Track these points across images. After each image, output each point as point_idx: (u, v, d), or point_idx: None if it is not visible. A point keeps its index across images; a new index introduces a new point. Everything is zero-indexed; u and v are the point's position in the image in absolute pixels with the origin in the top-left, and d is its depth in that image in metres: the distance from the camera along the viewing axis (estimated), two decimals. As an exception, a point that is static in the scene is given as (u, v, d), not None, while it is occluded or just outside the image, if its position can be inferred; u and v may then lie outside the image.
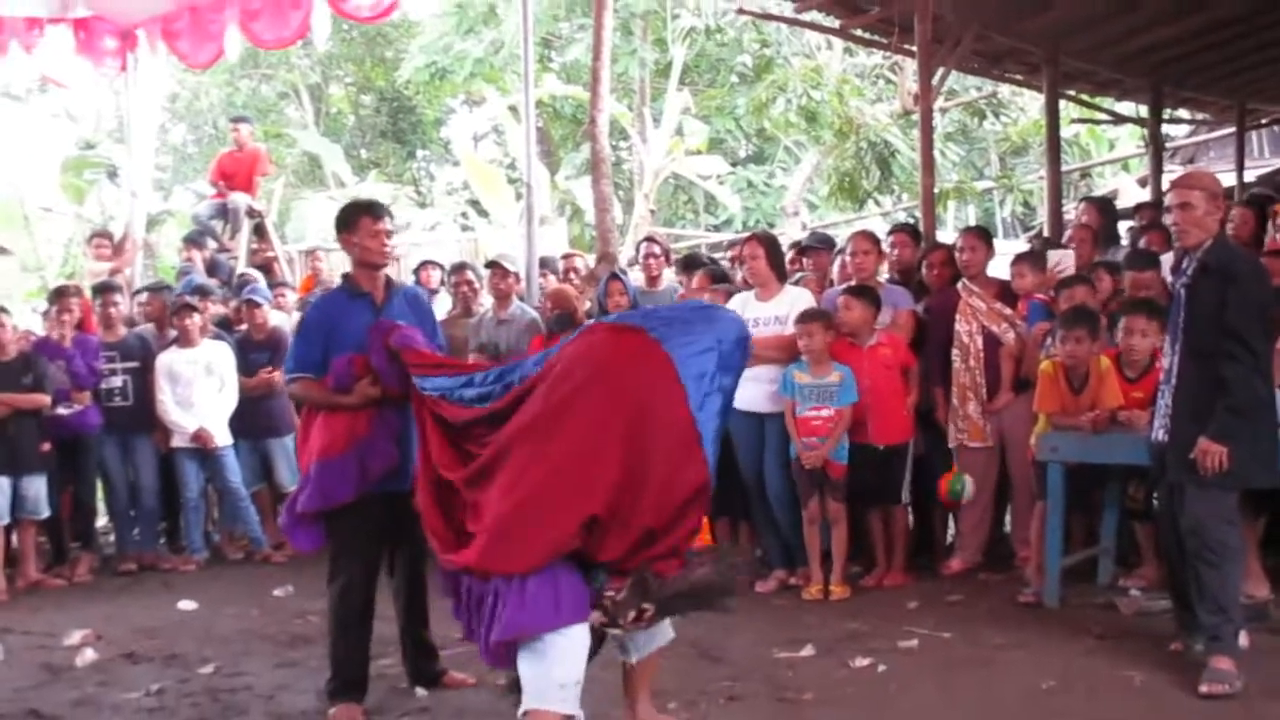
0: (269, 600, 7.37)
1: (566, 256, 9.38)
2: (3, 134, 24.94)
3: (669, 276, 8.50)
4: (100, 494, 8.82)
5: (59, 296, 8.71)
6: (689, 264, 8.38)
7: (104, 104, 25.64)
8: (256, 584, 7.76)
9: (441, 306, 9.25)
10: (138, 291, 9.71)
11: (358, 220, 5.11)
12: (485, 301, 8.42)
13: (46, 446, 8.04)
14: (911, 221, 9.92)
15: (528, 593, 3.88)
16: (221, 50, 10.73)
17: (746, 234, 7.89)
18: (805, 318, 6.69)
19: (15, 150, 25.36)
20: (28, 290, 19.02)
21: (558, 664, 3.89)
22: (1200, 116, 15.59)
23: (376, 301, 5.09)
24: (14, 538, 8.09)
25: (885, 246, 7.67)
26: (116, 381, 8.52)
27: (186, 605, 7.27)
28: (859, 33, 10.08)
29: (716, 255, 10.72)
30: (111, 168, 22.20)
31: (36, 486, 7.95)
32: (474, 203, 21.68)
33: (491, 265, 8.43)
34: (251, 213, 12.12)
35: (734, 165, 21.64)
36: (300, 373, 5.07)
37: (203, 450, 8.48)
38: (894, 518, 6.91)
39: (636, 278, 8.53)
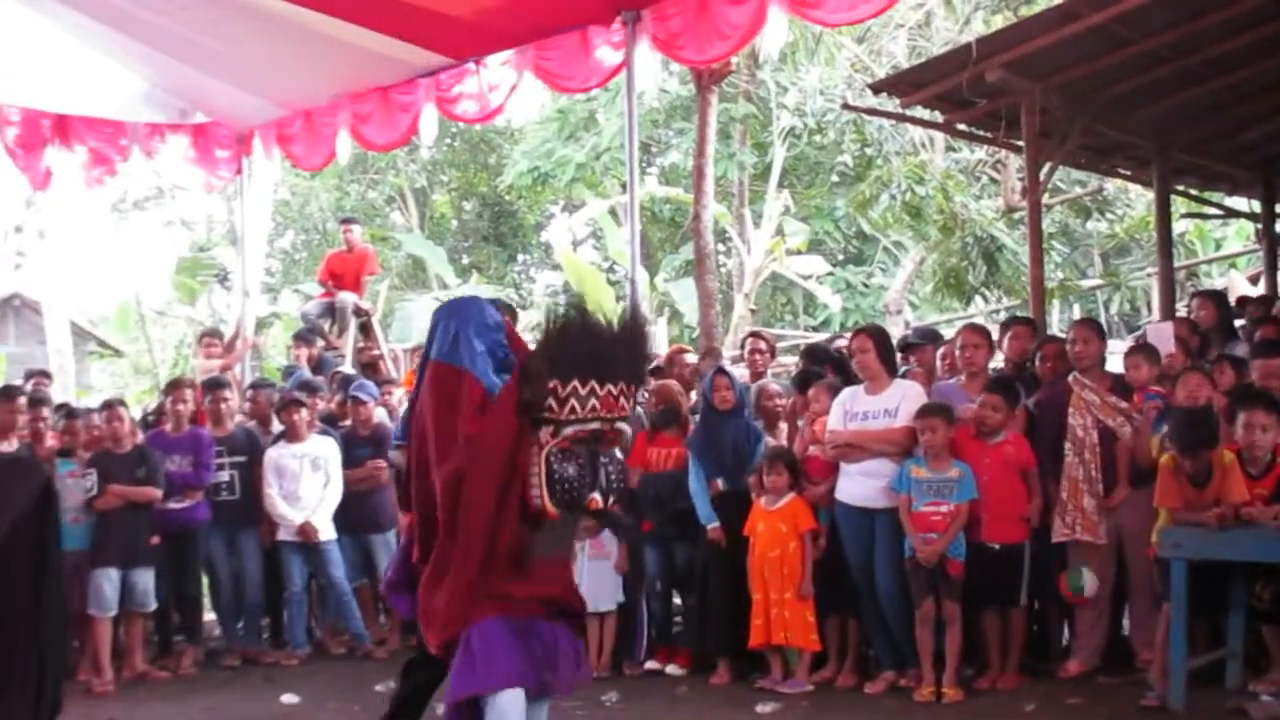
0: (371, 696, 7.31)
1: (676, 352, 9.36)
2: (122, 240, 25.81)
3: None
4: (205, 587, 8.89)
5: (174, 388, 8.89)
6: (813, 355, 8.34)
7: (216, 210, 26.51)
8: (358, 679, 7.71)
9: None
10: (250, 387, 9.88)
11: None
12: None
13: (156, 540, 8.14)
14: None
15: (458, 659, 4.03)
16: (333, 153, 11.03)
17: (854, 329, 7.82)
18: (928, 412, 6.61)
19: (132, 255, 26.25)
20: (139, 391, 19.49)
21: None
22: (1314, 212, 15.25)
23: None
24: (122, 629, 8.19)
25: (1003, 339, 7.62)
26: (224, 476, 8.62)
27: (289, 699, 7.26)
28: (964, 128, 10.05)
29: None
30: (222, 271, 22.83)
31: (145, 579, 8.03)
32: (574, 304, 21.85)
33: None
34: (358, 311, 12.32)
35: (832, 266, 21.62)
36: (406, 441, 5.20)
37: (307, 544, 8.51)
38: (1011, 619, 6.69)
39: (741, 374, 8.48)
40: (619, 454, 4.18)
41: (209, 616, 9.17)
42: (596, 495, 4.04)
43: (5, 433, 8.14)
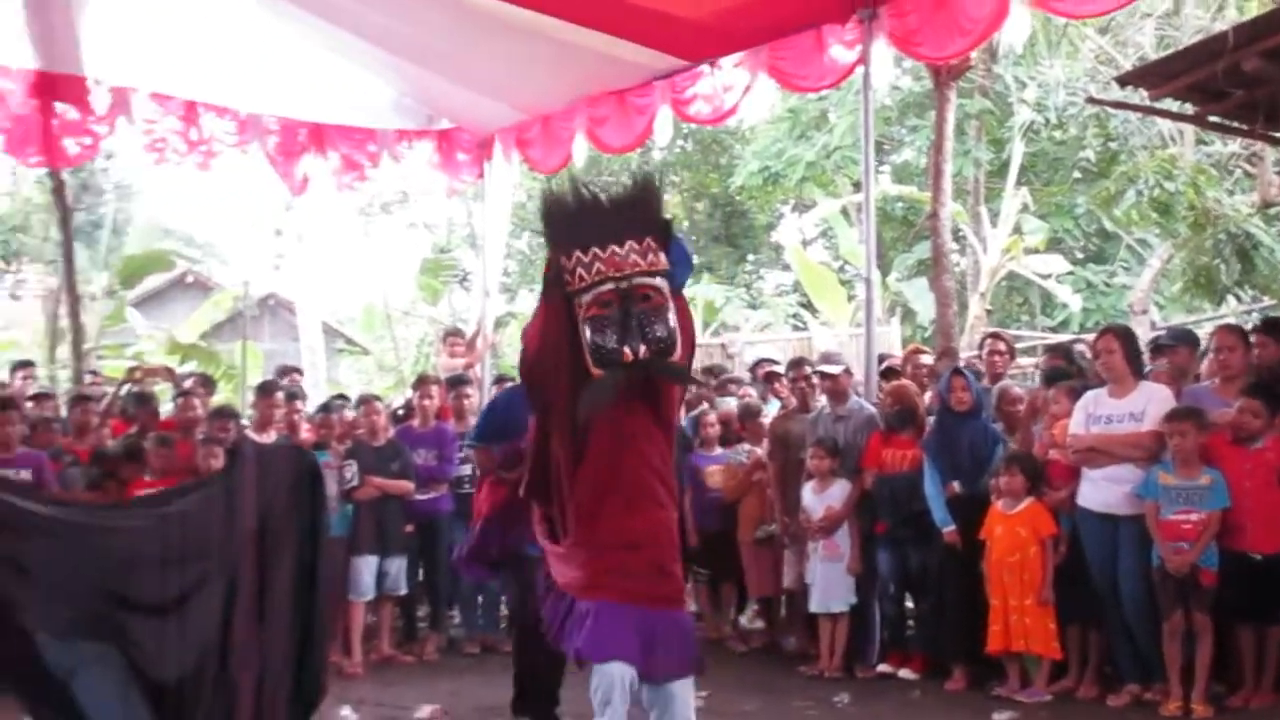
0: (605, 687, 7.45)
1: (912, 352, 9.26)
2: (369, 243, 26.92)
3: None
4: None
5: (421, 384, 9.26)
6: (1057, 353, 8.13)
7: (456, 213, 27.39)
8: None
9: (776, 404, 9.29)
10: (495, 382, 10.17)
11: None
12: (823, 397, 8.37)
13: (409, 529, 8.49)
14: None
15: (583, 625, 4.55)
16: (569, 156, 11.22)
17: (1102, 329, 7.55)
18: (1178, 416, 6.36)
19: (378, 257, 27.34)
20: (383, 387, 20.28)
21: None
22: None
23: None
24: (370, 614, 8.57)
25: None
26: (466, 470, 8.87)
27: (527, 687, 7.43)
28: (1218, 120, 9.58)
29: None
30: (462, 273, 23.54)
31: (398, 566, 8.41)
32: (805, 304, 21.80)
33: (818, 372, 8.36)
34: (594, 310, 12.52)
35: (1072, 265, 20.95)
36: (478, 443, 6.17)
37: (546, 537, 8.70)
38: (1268, 633, 6.37)
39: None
40: (659, 308, 4.41)
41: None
42: (626, 349, 4.32)
43: (264, 425, 8.61)
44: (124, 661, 4.35)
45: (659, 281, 4.42)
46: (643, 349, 4.33)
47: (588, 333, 4.39)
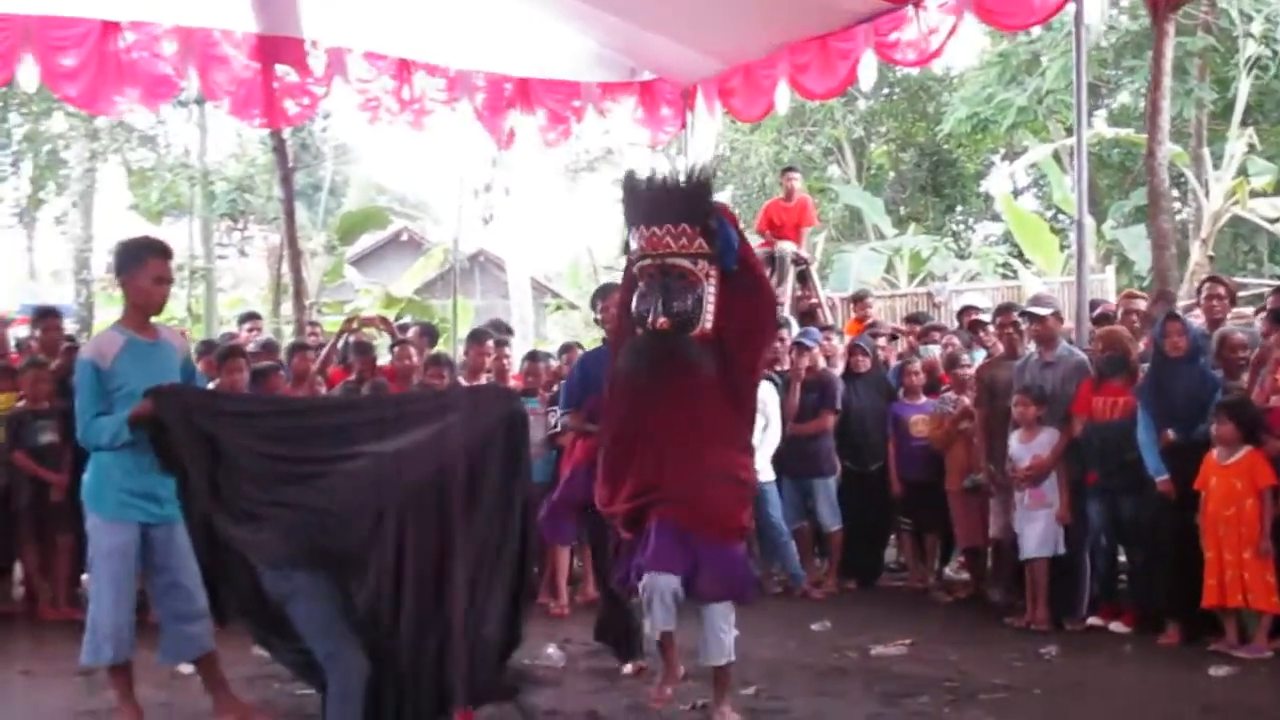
0: (806, 633, 7.49)
1: (1125, 298, 8.93)
2: (574, 199, 27.32)
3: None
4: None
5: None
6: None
7: (659, 167, 27.54)
8: (794, 617, 7.89)
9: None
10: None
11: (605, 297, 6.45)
12: (1031, 343, 8.16)
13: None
14: None
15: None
16: (771, 104, 11.17)
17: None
18: None
19: (583, 214, 27.76)
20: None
21: None
22: None
23: None
24: (577, 559, 8.77)
25: None
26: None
27: (726, 632, 7.49)
28: None
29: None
30: (667, 226, 23.58)
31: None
32: (1015, 254, 21.29)
33: (1026, 314, 8.15)
34: (797, 260, 12.47)
35: (1304, 209, 19.91)
36: (567, 408, 6.55)
37: (745, 485, 8.73)
38: None
39: (1196, 321, 8.00)
40: (690, 285, 5.00)
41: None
42: (650, 316, 4.98)
43: (475, 373, 8.85)
44: (333, 590, 4.55)
45: (692, 263, 5.01)
46: (662, 319, 4.96)
47: (633, 298, 5.08)
